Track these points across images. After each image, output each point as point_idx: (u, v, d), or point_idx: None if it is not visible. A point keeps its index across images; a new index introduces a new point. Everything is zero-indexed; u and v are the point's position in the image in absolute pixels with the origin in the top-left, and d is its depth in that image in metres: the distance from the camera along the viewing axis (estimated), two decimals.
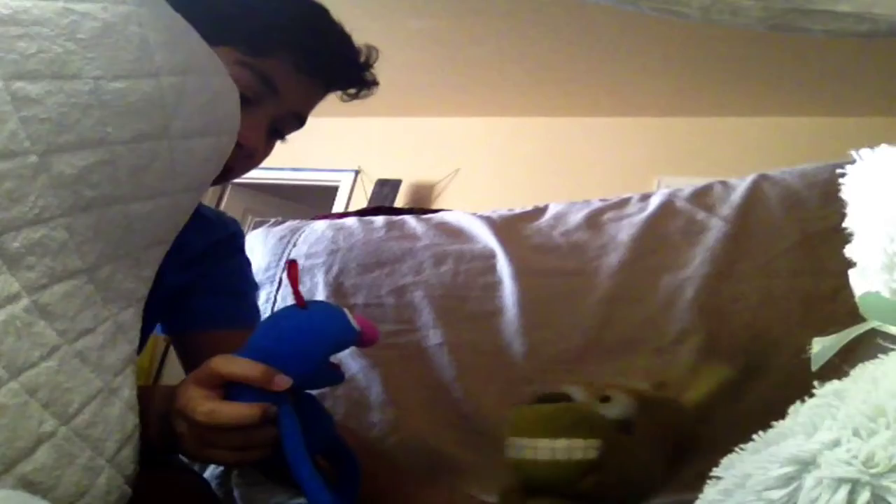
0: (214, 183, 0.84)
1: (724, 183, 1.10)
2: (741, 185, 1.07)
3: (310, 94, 0.85)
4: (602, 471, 0.64)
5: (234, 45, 0.77)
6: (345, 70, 0.87)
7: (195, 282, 0.89)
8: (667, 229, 1.05)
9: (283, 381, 0.61)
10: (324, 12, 0.85)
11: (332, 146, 4.07)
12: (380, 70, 0.91)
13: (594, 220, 1.11)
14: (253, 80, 0.78)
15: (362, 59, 0.88)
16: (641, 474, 0.67)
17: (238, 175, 0.85)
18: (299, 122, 0.87)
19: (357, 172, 4.22)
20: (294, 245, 1.22)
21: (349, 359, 1.07)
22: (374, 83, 0.91)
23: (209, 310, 0.90)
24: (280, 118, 0.83)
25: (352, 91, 0.91)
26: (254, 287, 1.01)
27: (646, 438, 0.68)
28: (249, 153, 0.81)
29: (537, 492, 0.68)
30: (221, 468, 1.00)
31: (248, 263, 1.00)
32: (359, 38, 0.88)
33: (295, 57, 0.79)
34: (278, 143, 0.88)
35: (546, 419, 0.67)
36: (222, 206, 4.17)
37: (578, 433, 0.65)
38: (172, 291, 0.86)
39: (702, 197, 1.08)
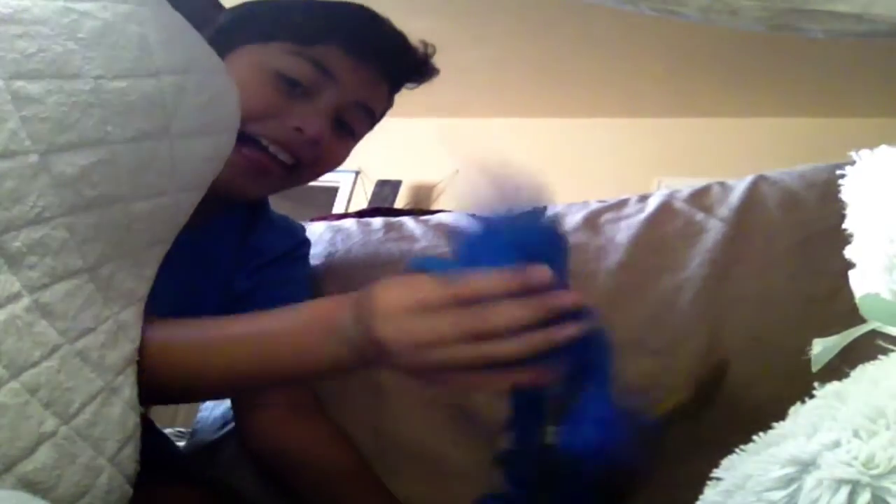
0: (288, 186, 0.87)
1: (722, 184, 1.10)
2: (740, 186, 1.07)
3: (368, 81, 0.86)
4: None
5: (284, 39, 0.80)
6: (396, 53, 0.88)
7: (257, 286, 0.91)
8: (665, 231, 1.05)
9: None
10: (367, 8, 0.87)
11: None
12: None
13: (592, 222, 1.11)
14: (306, 68, 0.80)
15: (416, 46, 0.90)
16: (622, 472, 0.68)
17: (310, 170, 0.86)
18: (367, 115, 0.88)
19: (357, 173, 4.22)
20: None
21: None
22: (433, 69, 0.92)
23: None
24: (344, 108, 0.84)
25: (413, 79, 0.92)
26: (307, 292, 1.01)
27: None
28: (313, 140, 0.82)
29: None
30: (221, 469, 1.00)
31: (309, 267, 1.03)
32: None
33: (344, 41, 0.81)
34: None
35: None
36: None
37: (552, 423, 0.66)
38: (238, 296, 0.89)
39: (700, 198, 1.08)
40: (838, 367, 0.43)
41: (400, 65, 0.89)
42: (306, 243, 1.02)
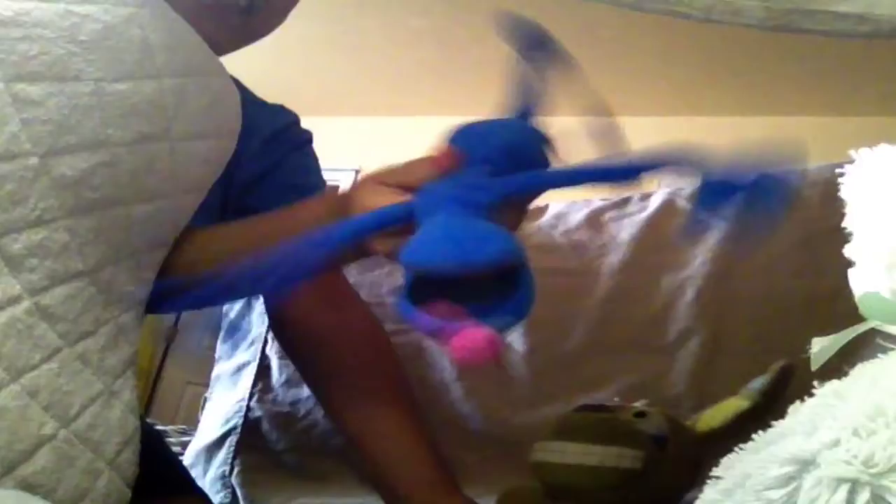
0: (246, 34, 0.81)
1: None
2: None
3: None
4: (637, 484, 0.64)
5: None
6: None
7: (267, 171, 0.88)
8: (668, 228, 1.05)
9: None
10: None
11: (331, 146, 4.06)
12: (381, 69, 0.91)
13: (595, 220, 1.11)
14: None
15: None
16: (670, 493, 0.67)
17: (264, 13, 0.80)
18: None
19: (357, 172, 4.22)
20: None
21: None
22: None
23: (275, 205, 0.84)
24: None
25: None
26: (322, 184, 0.97)
27: (676, 458, 0.67)
28: None
29: (560, 497, 0.68)
30: (224, 468, 1.00)
31: (315, 157, 0.97)
32: (359, 37, 0.87)
33: None
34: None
35: (588, 426, 0.68)
36: None
37: (619, 442, 0.66)
38: (249, 181, 0.86)
39: None
40: (838, 366, 0.43)
41: None
42: (300, 126, 0.96)
